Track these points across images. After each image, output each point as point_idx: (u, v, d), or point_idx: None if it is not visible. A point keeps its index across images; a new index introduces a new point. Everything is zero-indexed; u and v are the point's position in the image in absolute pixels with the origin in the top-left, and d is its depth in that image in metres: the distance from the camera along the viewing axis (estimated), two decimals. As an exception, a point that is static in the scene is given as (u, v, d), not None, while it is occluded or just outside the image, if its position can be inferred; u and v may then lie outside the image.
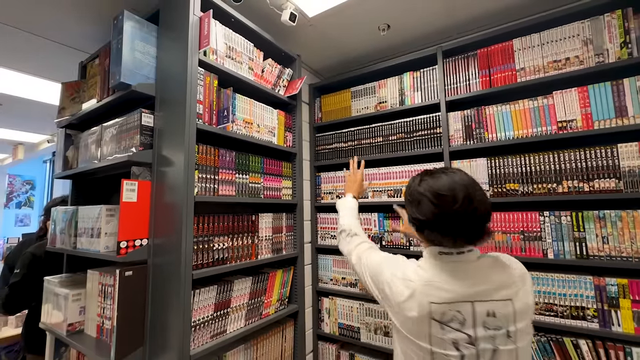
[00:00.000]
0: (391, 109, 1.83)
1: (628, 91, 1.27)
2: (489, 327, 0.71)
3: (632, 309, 1.21)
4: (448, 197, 0.74)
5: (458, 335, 0.71)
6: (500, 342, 0.70)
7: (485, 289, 0.72)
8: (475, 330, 0.71)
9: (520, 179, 1.45)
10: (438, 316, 0.72)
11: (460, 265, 0.76)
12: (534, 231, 1.40)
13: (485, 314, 0.71)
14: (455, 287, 0.73)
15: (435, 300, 0.73)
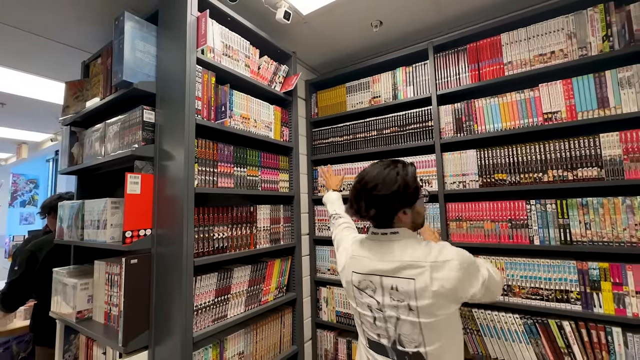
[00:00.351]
0: (385, 103, 1.89)
1: (610, 83, 1.32)
2: (394, 298, 0.84)
3: (612, 291, 1.27)
4: (356, 182, 0.93)
5: (371, 301, 0.89)
6: (402, 313, 0.83)
7: (393, 267, 0.85)
8: (383, 299, 0.86)
9: (508, 169, 1.50)
10: (357, 283, 0.92)
11: (379, 244, 0.91)
12: (521, 219, 1.46)
13: (390, 287, 0.85)
14: (371, 262, 0.90)
15: (356, 270, 0.93)
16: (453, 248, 0.85)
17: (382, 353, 0.89)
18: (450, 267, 0.80)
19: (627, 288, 1.24)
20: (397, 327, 0.84)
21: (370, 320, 0.90)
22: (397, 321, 0.83)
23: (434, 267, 0.80)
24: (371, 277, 0.88)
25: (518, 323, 1.42)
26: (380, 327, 0.87)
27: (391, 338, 0.86)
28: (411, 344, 0.83)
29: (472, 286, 0.82)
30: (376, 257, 0.89)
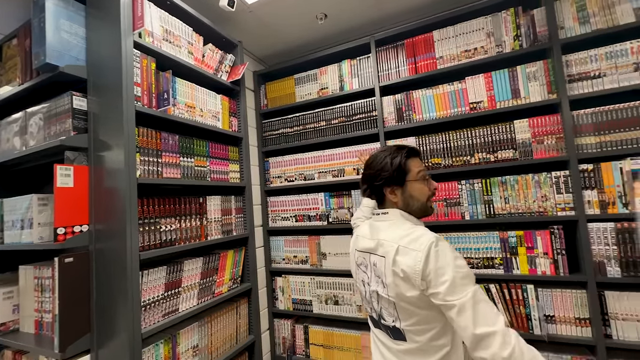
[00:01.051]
0: (332, 94, 1.96)
1: (520, 76, 1.53)
2: (375, 274, 0.89)
3: (526, 255, 1.49)
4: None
5: (364, 276, 0.94)
6: (379, 288, 0.87)
7: (374, 245, 0.90)
8: (370, 274, 0.91)
9: (443, 153, 1.67)
10: (356, 259, 0.98)
11: (374, 224, 0.96)
12: (454, 198, 1.63)
13: (373, 263, 0.90)
14: (365, 240, 0.95)
15: (357, 248, 0.99)
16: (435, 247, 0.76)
17: (377, 326, 0.95)
18: (414, 256, 0.77)
19: (537, 251, 1.47)
20: (379, 302, 0.88)
21: (364, 295, 0.95)
22: (378, 296, 0.87)
23: (399, 250, 0.81)
24: (364, 254, 0.94)
25: (454, 290, 1.59)
26: (370, 302, 0.92)
27: (376, 312, 0.90)
28: (389, 317, 0.86)
29: (431, 286, 0.74)
30: (369, 235, 0.94)
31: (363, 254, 0.94)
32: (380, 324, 0.91)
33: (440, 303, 0.74)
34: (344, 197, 1.90)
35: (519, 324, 1.47)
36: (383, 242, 0.87)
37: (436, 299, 0.74)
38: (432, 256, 0.75)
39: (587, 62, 1.41)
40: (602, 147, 1.38)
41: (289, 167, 2.07)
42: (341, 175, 1.90)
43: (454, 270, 0.73)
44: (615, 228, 1.34)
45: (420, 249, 0.77)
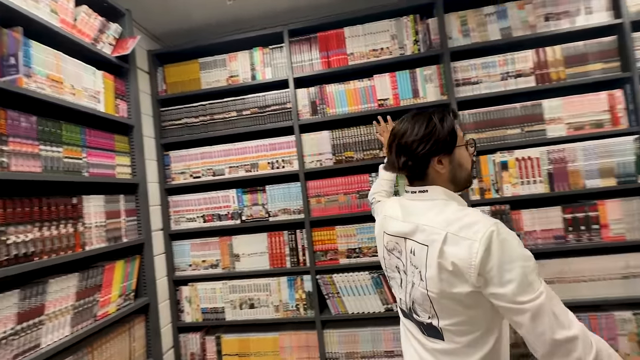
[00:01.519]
0: (243, 83, 1.82)
1: (419, 78, 1.69)
2: (412, 263, 0.75)
3: (426, 239, 1.65)
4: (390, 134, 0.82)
5: (398, 262, 0.80)
6: (415, 279, 0.74)
7: (411, 229, 0.75)
8: (406, 262, 0.77)
9: (355, 147, 1.72)
10: (385, 244, 0.84)
11: (408, 204, 0.80)
12: (366, 190, 1.70)
13: (410, 250, 0.75)
14: (398, 223, 0.80)
15: (385, 231, 0.84)
16: (498, 235, 0.62)
17: (407, 317, 0.83)
18: (469, 247, 0.62)
19: (434, 235, 1.64)
20: (411, 294, 0.76)
21: (398, 283, 0.82)
22: (412, 287, 0.75)
23: (448, 239, 0.66)
24: (397, 238, 0.80)
25: (367, 278, 1.66)
26: (402, 292, 0.80)
27: (407, 305, 0.79)
28: (424, 313, 0.74)
29: (493, 283, 0.61)
30: (403, 217, 0.79)
31: (395, 238, 0.80)
32: (410, 317, 0.80)
33: (505, 305, 0.60)
34: (257, 193, 1.79)
35: (421, 302, 1.63)
36: (424, 228, 0.71)
37: (499, 301, 0.61)
38: (494, 248, 0.61)
39: (468, 70, 1.64)
40: (480, 142, 1.62)
41: (194, 162, 1.85)
42: (254, 170, 1.79)
43: (523, 265, 0.59)
44: (490, 210, 1.59)
45: (476, 238, 0.62)
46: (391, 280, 0.86)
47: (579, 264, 1.53)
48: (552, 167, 1.56)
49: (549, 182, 1.56)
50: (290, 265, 1.74)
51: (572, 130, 1.56)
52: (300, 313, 1.72)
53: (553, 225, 1.56)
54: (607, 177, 1.52)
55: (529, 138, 1.59)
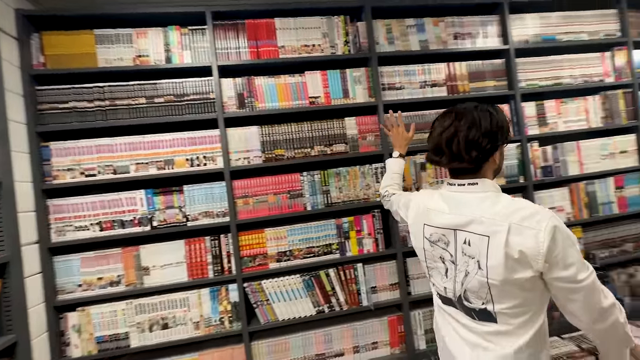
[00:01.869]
0: (156, 65, 1.55)
1: (349, 79, 1.71)
2: (465, 253, 0.79)
3: (356, 237, 1.68)
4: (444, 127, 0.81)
5: (444, 253, 0.84)
6: (471, 269, 0.77)
7: (466, 220, 0.78)
8: (456, 252, 0.81)
9: (286, 145, 1.64)
10: (428, 236, 0.87)
11: (455, 196, 0.83)
12: (296, 190, 1.64)
13: (463, 241, 0.79)
14: (444, 215, 0.83)
15: (428, 223, 0.87)
16: (559, 224, 0.69)
17: (450, 304, 0.87)
18: (535, 236, 0.68)
19: (363, 233, 1.68)
20: (464, 283, 0.80)
21: (442, 272, 0.86)
22: (466, 277, 0.79)
23: (512, 229, 0.71)
24: (444, 230, 0.83)
25: (298, 282, 1.60)
26: (449, 281, 0.84)
27: (457, 293, 0.82)
28: (478, 300, 0.78)
29: (557, 267, 0.69)
30: (450, 209, 0.83)
31: (442, 230, 0.83)
32: (460, 304, 0.83)
33: (565, 285, 0.70)
34: (173, 194, 1.55)
35: (352, 300, 1.64)
36: (482, 220, 0.75)
37: (561, 282, 0.70)
38: (558, 237, 0.68)
39: (393, 76, 1.74)
40: (403, 144, 1.73)
41: (87, 156, 1.49)
42: (169, 167, 1.54)
43: (577, 249, 0.70)
44: (412, 208, 1.71)
45: (541, 227, 0.68)
46: (431, 270, 0.90)
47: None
48: (459, 168, 1.76)
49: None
50: (214, 275, 1.55)
51: (474, 136, 1.80)
52: (225, 327, 1.55)
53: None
54: (499, 177, 1.79)
55: (442, 142, 1.76)
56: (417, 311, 1.69)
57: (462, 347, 0.82)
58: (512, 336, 0.74)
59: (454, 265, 0.82)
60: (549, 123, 1.88)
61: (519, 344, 0.73)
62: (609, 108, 1.93)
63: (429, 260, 0.90)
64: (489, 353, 0.76)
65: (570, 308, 0.73)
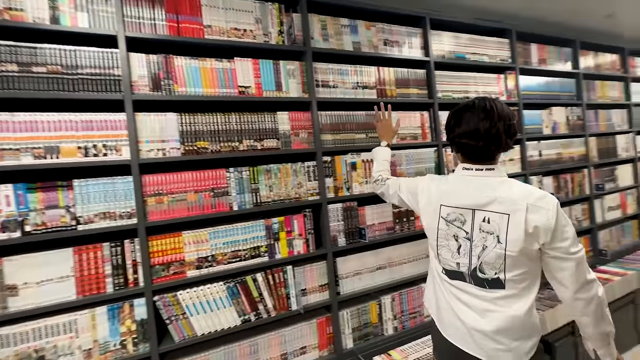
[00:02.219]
0: (35, 24, 1.21)
1: (282, 71, 1.62)
2: (483, 230, 0.91)
3: (286, 238, 1.59)
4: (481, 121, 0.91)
5: (458, 231, 0.95)
6: (488, 243, 0.90)
7: (487, 201, 0.90)
8: (472, 230, 0.92)
9: (210, 137, 1.46)
10: (445, 215, 0.98)
11: (472, 180, 0.95)
12: (222, 187, 1.47)
13: (482, 219, 0.91)
14: (463, 196, 0.95)
15: (445, 204, 0.98)
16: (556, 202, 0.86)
17: (458, 278, 0.97)
18: (546, 214, 0.84)
19: (294, 233, 1.61)
20: (480, 256, 0.91)
21: (454, 249, 0.97)
22: (483, 251, 0.91)
23: (530, 208, 0.85)
24: (462, 210, 0.95)
25: (222, 289, 1.44)
26: (463, 256, 0.95)
27: (472, 266, 0.93)
28: (491, 271, 0.90)
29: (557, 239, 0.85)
30: (469, 191, 0.94)
31: (460, 209, 0.95)
32: (472, 276, 0.94)
33: (560, 255, 0.85)
34: (58, 190, 1.23)
35: (280, 305, 1.55)
36: (503, 200, 0.88)
37: (557, 252, 0.85)
38: (560, 215, 0.85)
39: (327, 73, 1.72)
40: (335, 143, 1.72)
41: None
42: (53, 156, 1.22)
43: (572, 228, 0.87)
44: (342, 207, 1.71)
45: (550, 207, 0.84)
46: (441, 248, 1.00)
47: (402, 250, 1.87)
48: (386, 169, 1.84)
49: (384, 181, 1.83)
50: (114, 289, 1.28)
51: (399, 139, 1.90)
52: (128, 351, 1.29)
53: (386, 219, 1.83)
54: (420, 178, 1.93)
55: (371, 143, 1.81)
56: (346, 310, 1.70)
57: (467, 312, 0.94)
58: (517, 298, 0.89)
59: (469, 242, 0.94)
60: (459, 131, 2.10)
61: (527, 306, 0.89)
62: (502, 122, 2.27)
63: (440, 239, 1.00)
64: (499, 314, 0.89)
65: (560, 276, 0.87)
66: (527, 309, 0.89)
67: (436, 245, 1.01)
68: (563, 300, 0.91)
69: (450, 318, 0.99)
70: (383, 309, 1.78)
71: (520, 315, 0.88)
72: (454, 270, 0.98)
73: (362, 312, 1.74)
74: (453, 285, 0.98)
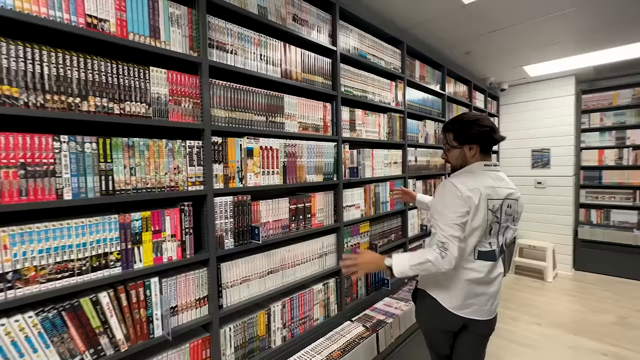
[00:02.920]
0: None
1: (162, 13, 1.19)
2: (507, 213, 1.25)
3: (152, 241, 1.17)
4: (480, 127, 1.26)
5: (493, 217, 1.22)
6: (510, 223, 1.27)
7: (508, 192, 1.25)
8: (501, 214, 1.23)
9: (26, 81, 0.91)
10: (491, 207, 1.21)
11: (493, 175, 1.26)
12: (44, 163, 0.94)
13: (507, 205, 1.24)
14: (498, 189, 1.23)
15: (492, 198, 1.21)
16: None
17: (490, 258, 1.24)
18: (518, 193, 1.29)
19: (164, 234, 1.20)
20: (504, 234, 1.27)
21: (487, 231, 1.21)
22: (506, 229, 1.27)
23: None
24: (498, 201, 1.22)
25: (33, 323, 0.92)
26: (493, 237, 1.23)
27: (500, 242, 1.25)
28: (506, 241, 1.28)
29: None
30: (497, 185, 1.23)
31: (497, 201, 1.22)
32: (500, 250, 1.27)
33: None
34: None
35: (137, 334, 1.12)
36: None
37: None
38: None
39: (225, 34, 1.37)
40: (229, 122, 1.40)
41: None
42: None
43: None
44: (233, 202, 1.40)
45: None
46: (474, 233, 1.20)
47: (296, 250, 1.70)
48: (286, 160, 1.63)
49: (283, 174, 1.62)
50: None
51: (301, 129, 1.72)
52: None
53: (282, 216, 1.62)
54: (319, 173, 1.81)
55: (272, 129, 1.57)
56: (229, 326, 1.40)
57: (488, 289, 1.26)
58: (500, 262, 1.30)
59: (498, 225, 1.23)
60: (357, 129, 2.10)
61: None
62: (391, 126, 2.41)
63: (480, 229, 1.20)
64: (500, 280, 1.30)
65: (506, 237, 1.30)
66: None
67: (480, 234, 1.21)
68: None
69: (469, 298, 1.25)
70: (272, 318, 1.57)
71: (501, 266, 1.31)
72: (486, 250, 1.23)
73: (248, 325, 1.47)
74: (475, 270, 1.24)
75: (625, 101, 4.10)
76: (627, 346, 2.52)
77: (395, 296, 2.30)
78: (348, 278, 2.02)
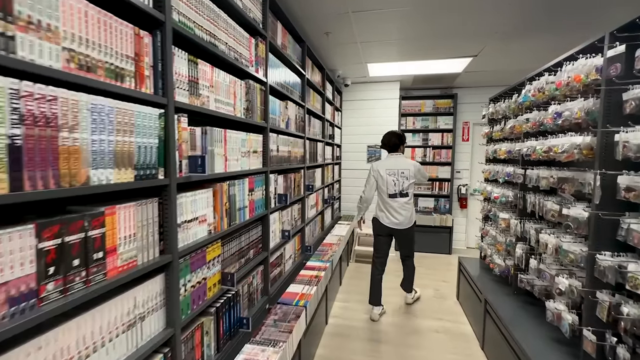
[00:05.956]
0: None
1: None
2: (403, 175, 2.83)
3: None
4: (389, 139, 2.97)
5: (393, 178, 2.83)
6: (404, 179, 2.83)
7: (403, 167, 2.84)
8: (397, 177, 2.82)
9: None
10: (386, 174, 2.84)
11: (395, 158, 2.91)
12: None
13: (401, 173, 2.82)
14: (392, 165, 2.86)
15: (388, 168, 2.86)
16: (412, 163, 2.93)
17: (394, 196, 2.81)
18: (413, 167, 2.85)
19: None
20: (402, 184, 2.80)
21: (392, 184, 2.80)
22: (403, 182, 2.79)
23: (411, 165, 2.84)
24: (393, 170, 2.82)
25: None
26: (396, 186, 2.80)
27: (399, 190, 2.80)
28: (408, 188, 2.83)
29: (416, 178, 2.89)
30: (394, 164, 2.85)
31: (392, 170, 2.82)
32: (400, 193, 2.81)
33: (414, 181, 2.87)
34: None
35: None
36: (406, 166, 2.85)
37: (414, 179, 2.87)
38: (417, 167, 2.88)
39: None
40: None
41: None
42: None
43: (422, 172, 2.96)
44: None
45: (413, 164, 2.86)
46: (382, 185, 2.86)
47: (68, 336, 0.75)
48: (20, 133, 0.65)
49: (9, 168, 0.64)
50: None
51: (75, 66, 0.77)
52: None
53: (16, 272, 0.65)
54: (125, 167, 0.90)
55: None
56: None
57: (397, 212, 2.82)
58: (411, 199, 2.87)
59: (398, 181, 2.81)
60: (201, 94, 1.28)
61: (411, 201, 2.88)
62: (250, 100, 1.71)
63: (386, 182, 2.83)
64: (408, 208, 2.85)
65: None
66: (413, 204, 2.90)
67: (383, 187, 2.84)
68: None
69: (388, 215, 2.83)
70: None
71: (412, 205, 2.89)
72: (392, 193, 2.82)
73: None
74: (387, 203, 2.84)
75: (428, 109, 5.04)
76: (448, 317, 2.92)
77: (258, 338, 1.65)
78: (187, 340, 1.21)
